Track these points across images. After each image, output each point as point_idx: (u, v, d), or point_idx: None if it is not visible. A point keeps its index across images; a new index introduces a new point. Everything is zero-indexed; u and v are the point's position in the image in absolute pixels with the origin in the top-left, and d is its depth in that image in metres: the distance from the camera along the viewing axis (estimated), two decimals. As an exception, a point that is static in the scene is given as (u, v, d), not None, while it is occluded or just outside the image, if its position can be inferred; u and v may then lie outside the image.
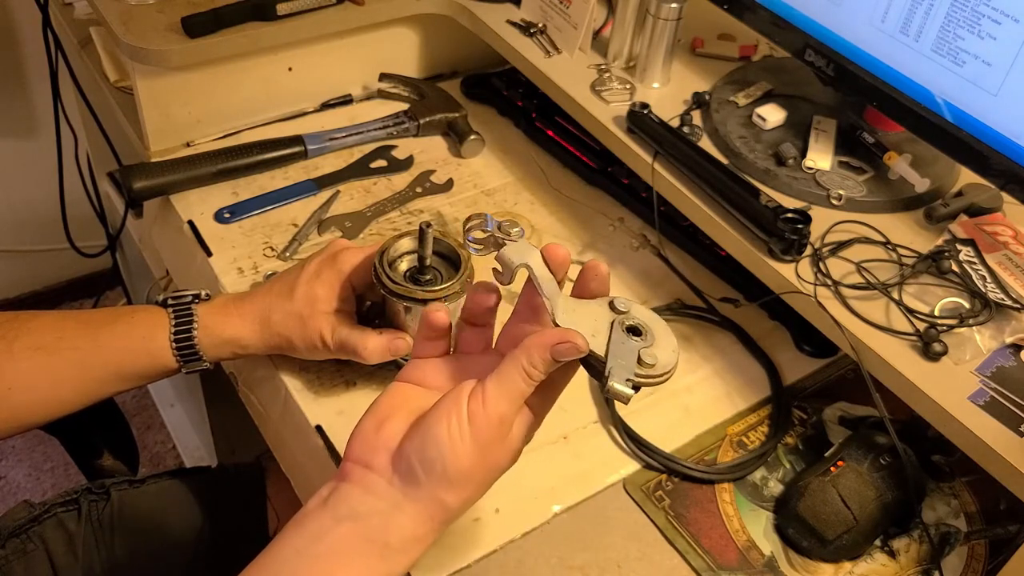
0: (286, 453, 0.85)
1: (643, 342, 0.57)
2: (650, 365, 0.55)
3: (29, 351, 0.74)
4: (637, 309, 0.59)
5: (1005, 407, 0.68)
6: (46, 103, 1.40)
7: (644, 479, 0.78)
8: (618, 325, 0.57)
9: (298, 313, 0.76)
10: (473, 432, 0.54)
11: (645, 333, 0.57)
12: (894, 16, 0.78)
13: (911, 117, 0.79)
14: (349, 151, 1.08)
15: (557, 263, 0.59)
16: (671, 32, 0.95)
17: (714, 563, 0.73)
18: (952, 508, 0.78)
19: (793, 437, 0.83)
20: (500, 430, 0.55)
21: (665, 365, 0.56)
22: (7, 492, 1.73)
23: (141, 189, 0.97)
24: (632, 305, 0.59)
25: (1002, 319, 0.74)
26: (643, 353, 0.56)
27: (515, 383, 0.55)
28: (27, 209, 1.81)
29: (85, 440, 0.99)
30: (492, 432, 0.55)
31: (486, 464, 0.56)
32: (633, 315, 0.58)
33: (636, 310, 0.59)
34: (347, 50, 1.10)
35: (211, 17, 0.97)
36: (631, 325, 0.57)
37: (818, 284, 0.77)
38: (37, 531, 0.87)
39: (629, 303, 0.59)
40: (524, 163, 1.10)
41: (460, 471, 0.55)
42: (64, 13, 1.22)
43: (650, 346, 0.57)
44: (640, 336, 0.57)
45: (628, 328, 0.57)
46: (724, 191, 0.83)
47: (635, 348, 0.56)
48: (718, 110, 0.94)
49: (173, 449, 1.80)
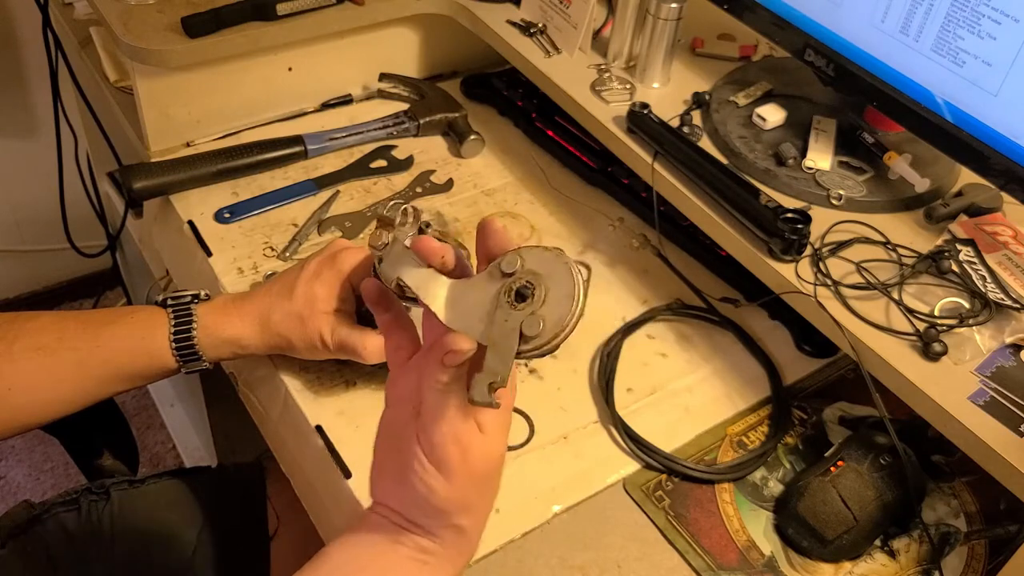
0: (286, 453, 0.85)
1: (530, 306, 0.50)
2: (533, 336, 0.49)
3: (29, 351, 0.74)
4: (529, 258, 0.51)
5: (1005, 407, 0.68)
6: (46, 103, 1.40)
7: (644, 479, 0.78)
8: (504, 296, 0.51)
9: (298, 313, 0.76)
10: (441, 469, 0.53)
11: (536, 288, 0.50)
12: (894, 16, 0.78)
13: (911, 117, 0.78)
14: (349, 151, 1.08)
15: (427, 254, 0.55)
16: (671, 32, 0.95)
17: (714, 563, 0.73)
18: (952, 508, 0.78)
19: (793, 437, 0.83)
20: (459, 448, 0.53)
21: (555, 325, 0.49)
22: (7, 492, 1.73)
23: (141, 189, 0.97)
24: (520, 256, 0.51)
25: (1002, 319, 0.74)
26: (526, 323, 0.49)
27: (440, 404, 0.52)
28: (27, 209, 1.81)
29: (85, 440, 0.99)
30: (455, 455, 0.53)
31: (472, 475, 0.54)
32: (521, 272, 0.51)
33: (528, 261, 0.51)
34: (347, 50, 1.10)
35: (211, 17, 0.97)
36: (519, 288, 0.50)
37: (818, 284, 0.77)
38: (37, 531, 0.87)
39: (517, 256, 0.51)
40: (524, 163, 1.10)
41: (453, 500, 0.54)
42: (64, 13, 1.22)
43: (539, 307, 0.50)
44: (526, 300, 0.50)
45: (516, 293, 0.50)
46: (724, 191, 0.83)
47: (516, 322, 0.50)
48: (718, 110, 0.94)
49: (173, 449, 1.80)
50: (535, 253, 0.51)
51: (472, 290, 0.52)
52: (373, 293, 0.58)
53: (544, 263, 0.51)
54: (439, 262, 0.54)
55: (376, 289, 0.58)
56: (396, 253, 0.56)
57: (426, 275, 0.54)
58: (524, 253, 0.51)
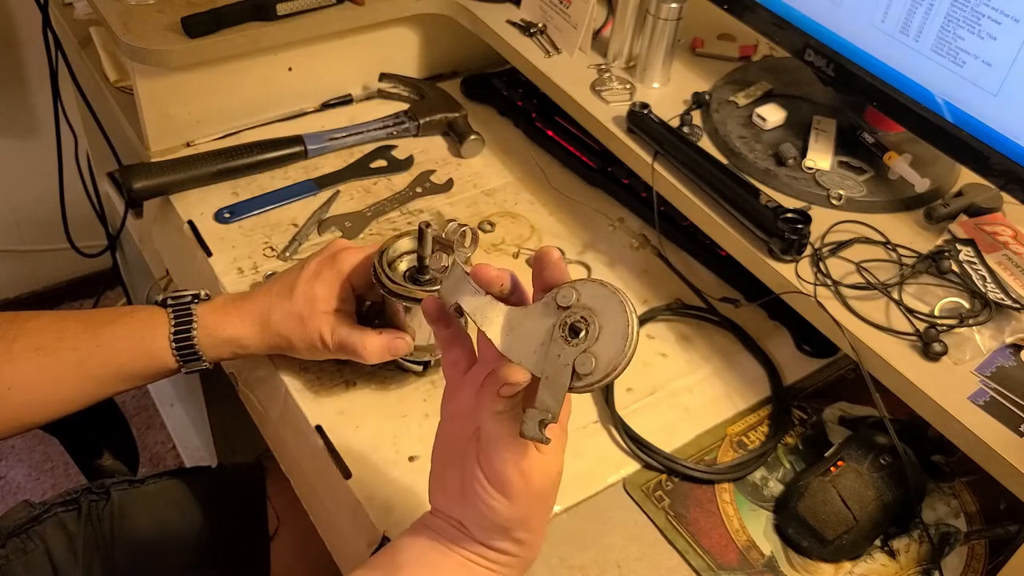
0: (286, 453, 0.85)
1: (583, 342, 0.51)
2: (585, 375, 0.50)
3: (29, 351, 0.74)
4: (584, 292, 0.52)
5: (1005, 407, 0.68)
6: (46, 103, 1.40)
7: (644, 479, 0.78)
8: (558, 330, 0.51)
9: (298, 313, 0.76)
10: (504, 492, 0.54)
11: (590, 324, 0.51)
12: (894, 16, 0.78)
13: (911, 117, 0.78)
14: (349, 151, 1.08)
15: (486, 282, 0.55)
16: (671, 32, 0.95)
17: (714, 563, 0.73)
18: (952, 508, 0.78)
19: (793, 437, 0.83)
20: (519, 472, 0.54)
21: (607, 364, 0.50)
22: (7, 492, 1.73)
23: (141, 189, 0.97)
24: (576, 289, 0.52)
25: (1002, 319, 0.74)
26: (579, 361, 0.50)
27: (498, 432, 0.53)
28: (27, 209, 1.81)
29: (85, 440, 0.99)
30: (516, 479, 0.54)
31: (532, 495, 0.55)
32: (576, 307, 0.51)
33: (583, 295, 0.52)
34: (347, 50, 1.10)
35: (211, 17, 0.97)
36: (573, 323, 0.51)
37: (818, 284, 0.77)
38: (37, 531, 0.87)
39: (573, 289, 0.52)
40: (524, 163, 1.10)
41: (514, 519, 0.55)
42: (64, 13, 1.22)
43: (592, 344, 0.50)
44: (579, 335, 0.51)
45: (570, 328, 0.51)
46: (724, 191, 0.83)
47: (570, 359, 0.50)
48: (718, 110, 0.94)
49: (173, 449, 1.80)
50: (591, 288, 0.51)
51: (527, 319, 0.53)
52: (433, 311, 0.59)
53: (599, 299, 0.51)
54: (498, 290, 0.55)
55: (436, 307, 0.59)
56: (455, 277, 0.56)
57: (484, 302, 0.55)
58: (580, 287, 0.52)
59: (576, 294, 0.52)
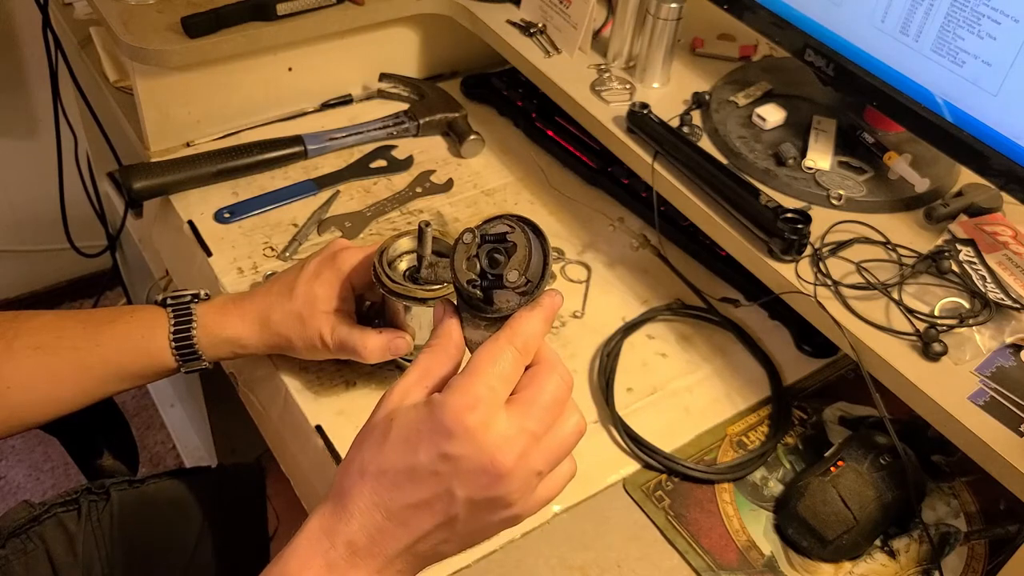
0: (286, 453, 0.85)
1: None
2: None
3: (29, 350, 0.74)
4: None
5: (1005, 407, 0.68)
6: (46, 103, 1.40)
7: (644, 479, 0.78)
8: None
9: (298, 313, 0.76)
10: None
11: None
12: (894, 16, 0.78)
13: (911, 117, 0.79)
14: (349, 151, 1.08)
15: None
16: (671, 32, 0.95)
17: (714, 563, 0.73)
18: (952, 508, 0.78)
19: (793, 437, 0.83)
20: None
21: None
22: (7, 492, 1.73)
23: (141, 189, 0.97)
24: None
25: (1002, 319, 0.74)
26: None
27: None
28: (27, 209, 1.81)
29: (85, 440, 0.99)
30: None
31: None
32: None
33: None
34: (347, 50, 1.10)
35: (211, 17, 0.97)
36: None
37: (818, 284, 0.77)
38: (37, 531, 0.87)
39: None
40: (524, 163, 1.10)
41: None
42: (64, 13, 1.22)
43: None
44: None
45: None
46: (724, 191, 0.83)
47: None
48: (718, 110, 0.94)
49: (173, 449, 1.80)
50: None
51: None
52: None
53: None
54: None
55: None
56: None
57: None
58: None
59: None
